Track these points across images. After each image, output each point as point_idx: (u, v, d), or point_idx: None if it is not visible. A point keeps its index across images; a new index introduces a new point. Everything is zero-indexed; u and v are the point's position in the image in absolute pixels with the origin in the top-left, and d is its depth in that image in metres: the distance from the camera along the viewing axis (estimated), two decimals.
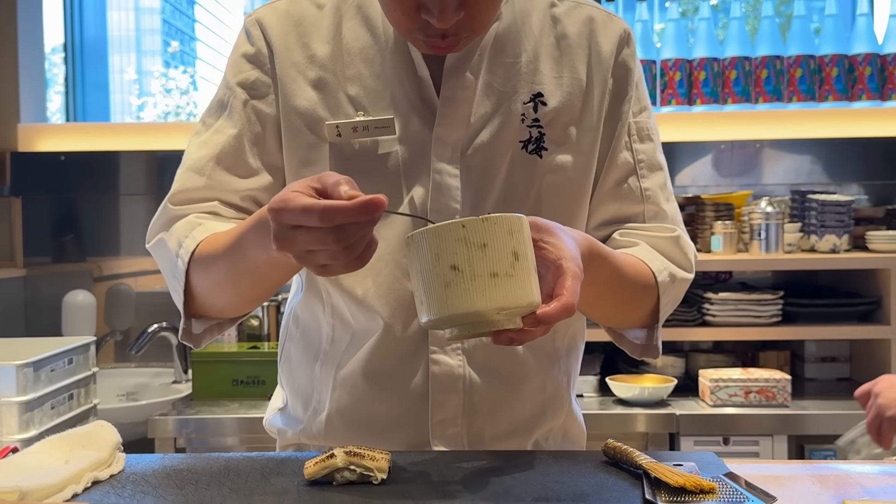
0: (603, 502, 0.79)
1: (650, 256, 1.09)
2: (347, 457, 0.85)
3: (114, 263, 3.03)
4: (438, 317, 0.82)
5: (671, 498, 0.79)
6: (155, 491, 0.84)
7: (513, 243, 0.83)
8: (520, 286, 0.82)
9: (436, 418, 1.09)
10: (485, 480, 0.85)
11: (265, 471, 0.91)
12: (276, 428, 1.23)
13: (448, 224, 0.82)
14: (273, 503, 0.80)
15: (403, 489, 0.84)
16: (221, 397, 2.51)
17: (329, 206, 0.81)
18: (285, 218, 0.83)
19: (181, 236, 1.07)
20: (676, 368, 2.63)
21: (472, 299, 0.81)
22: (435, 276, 0.82)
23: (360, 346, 1.12)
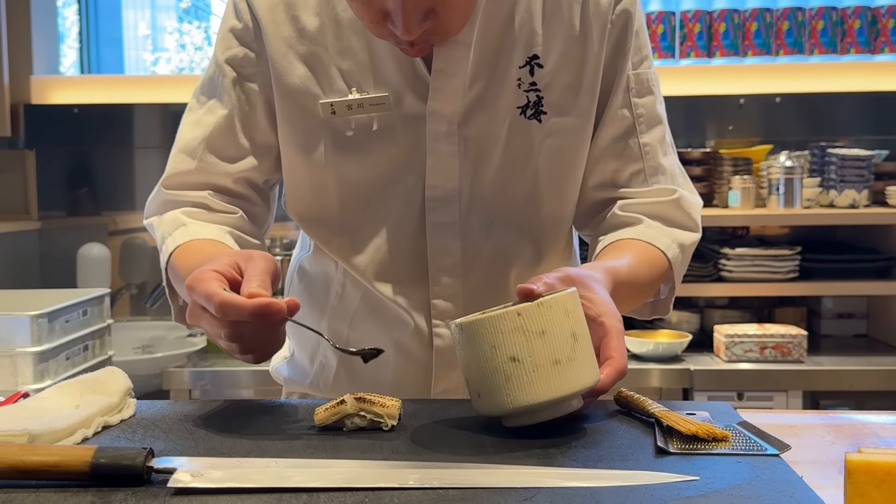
0: (615, 449, 0.79)
1: (655, 234, 1.08)
2: (358, 403, 0.85)
3: (129, 218, 3.04)
4: (501, 411, 0.81)
5: (683, 445, 0.79)
6: (166, 436, 0.84)
7: (570, 324, 0.80)
8: (581, 369, 0.80)
9: (438, 388, 1.10)
10: (495, 428, 0.84)
11: (276, 417, 0.91)
12: (283, 376, 1.24)
13: (502, 313, 0.79)
14: (283, 448, 0.80)
15: (414, 435, 0.84)
16: None
17: (225, 301, 0.80)
18: (195, 297, 0.83)
19: (165, 232, 1.08)
20: (691, 324, 2.62)
21: (536, 391, 0.79)
22: (493, 370, 0.79)
23: (369, 311, 1.12)
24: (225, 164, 1.10)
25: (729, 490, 0.68)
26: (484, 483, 0.69)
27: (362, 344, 1.12)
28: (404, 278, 1.09)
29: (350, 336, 1.13)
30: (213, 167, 1.10)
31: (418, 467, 0.73)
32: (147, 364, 2.47)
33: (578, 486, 0.69)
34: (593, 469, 0.73)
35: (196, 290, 0.83)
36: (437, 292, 1.09)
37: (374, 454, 0.77)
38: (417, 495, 0.67)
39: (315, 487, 0.68)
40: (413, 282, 1.09)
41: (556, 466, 0.74)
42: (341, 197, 1.09)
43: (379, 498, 0.66)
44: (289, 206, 1.14)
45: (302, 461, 0.75)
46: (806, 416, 0.94)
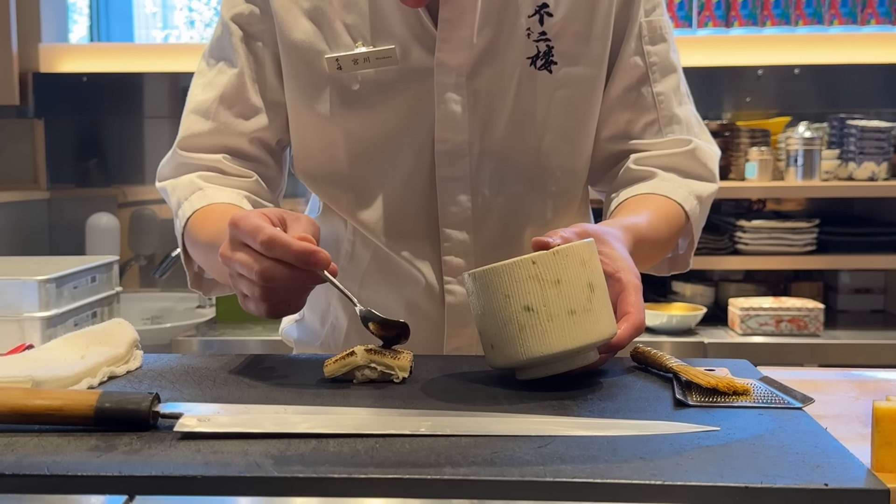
0: (632, 402, 0.77)
1: (671, 187, 1.07)
2: (368, 354, 0.83)
3: (138, 190, 3.03)
4: (515, 362, 0.80)
5: (703, 399, 0.77)
6: (172, 385, 0.83)
7: (587, 274, 0.79)
8: (598, 320, 0.79)
9: (450, 346, 1.09)
10: (509, 381, 0.83)
11: (285, 370, 0.90)
12: (293, 338, 1.23)
13: (517, 261, 0.78)
14: (291, 398, 0.79)
15: (426, 387, 0.82)
16: (245, 320, 2.52)
17: (274, 236, 0.80)
18: (237, 232, 0.82)
19: (181, 196, 1.07)
20: (706, 298, 2.60)
21: (551, 341, 0.78)
22: (507, 320, 0.78)
23: (380, 269, 1.11)
24: (239, 123, 1.10)
25: (751, 440, 0.66)
26: (497, 431, 0.68)
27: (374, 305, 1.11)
28: (415, 234, 1.08)
29: (361, 296, 1.12)
30: (228, 127, 1.10)
31: (430, 415, 0.72)
32: (156, 334, 2.47)
33: (595, 434, 0.67)
34: (610, 419, 0.72)
35: (241, 224, 0.82)
36: (447, 248, 1.08)
37: (385, 403, 0.76)
38: (429, 442, 0.66)
39: (324, 434, 0.67)
40: (424, 238, 1.08)
41: (573, 416, 0.72)
42: (349, 153, 1.08)
43: (390, 444, 0.65)
44: (297, 166, 1.14)
45: (311, 408, 0.74)
46: (829, 373, 0.92)
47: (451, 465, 0.61)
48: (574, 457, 0.62)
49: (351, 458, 0.62)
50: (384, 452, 0.63)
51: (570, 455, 0.62)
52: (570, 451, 0.63)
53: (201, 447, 0.65)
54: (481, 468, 0.60)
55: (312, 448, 0.64)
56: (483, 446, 0.65)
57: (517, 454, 0.63)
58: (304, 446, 0.65)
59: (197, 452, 0.64)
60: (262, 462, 0.61)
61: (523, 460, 0.61)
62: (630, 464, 0.61)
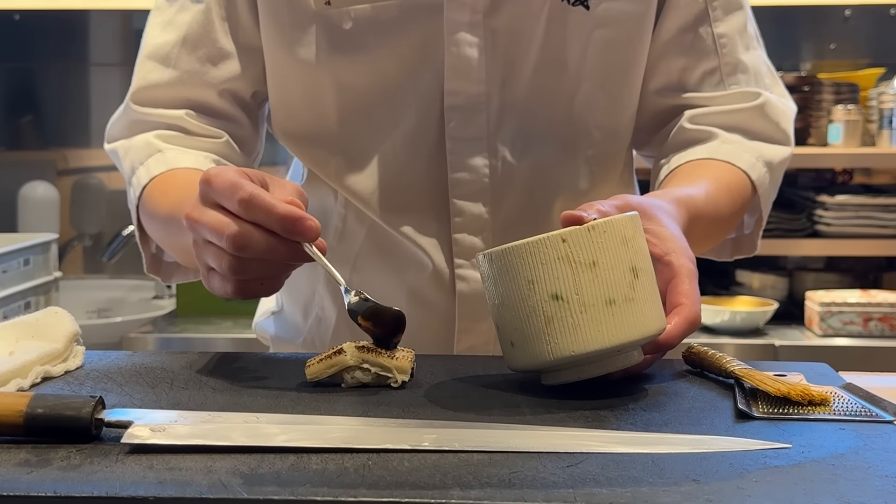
0: (683, 413, 0.77)
1: (735, 151, 1.07)
2: (360, 353, 0.84)
3: (82, 154, 3.04)
4: (540, 363, 0.79)
5: (771, 409, 0.77)
6: (121, 389, 0.84)
7: (629, 256, 0.78)
8: (642, 312, 0.79)
9: (462, 345, 1.10)
10: (532, 387, 0.83)
11: (258, 371, 0.90)
12: (269, 334, 1.25)
13: (543, 239, 0.77)
14: (266, 405, 0.79)
15: (430, 393, 0.82)
16: (211, 314, 2.54)
17: (255, 194, 0.79)
18: (210, 189, 0.82)
19: (136, 160, 1.07)
20: (777, 290, 2.61)
21: (584, 337, 0.77)
22: (530, 311, 0.78)
23: (376, 250, 1.11)
24: (206, 71, 1.10)
25: (829, 460, 0.66)
26: (517, 446, 0.68)
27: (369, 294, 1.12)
28: (419, 207, 1.09)
29: (353, 282, 1.12)
30: (192, 76, 1.10)
31: (435, 427, 0.72)
32: (103, 330, 2.49)
33: (638, 451, 0.67)
34: (656, 433, 0.72)
35: (216, 180, 0.81)
36: (459, 224, 1.08)
37: (381, 412, 0.77)
38: (433, 459, 0.66)
39: (305, 448, 0.67)
40: (430, 212, 1.09)
41: (610, 430, 0.73)
42: (339, 107, 1.08)
43: (385, 461, 0.65)
44: (276, 124, 1.14)
45: (289, 416, 0.74)
46: None
47: (459, 486, 0.61)
48: (611, 478, 0.62)
49: (337, 478, 0.62)
50: (378, 471, 0.63)
51: (607, 476, 0.62)
52: (607, 472, 0.63)
53: (154, 462, 0.65)
54: (497, 491, 0.60)
55: (291, 465, 0.65)
56: (499, 465, 0.65)
57: (541, 474, 0.63)
58: (281, 462, 0.65)
59: (149, 469, 0.64)
60: (228, 481, 0.61)
61: (548, 482, 0.61)
62: (680, 487, 0.61)
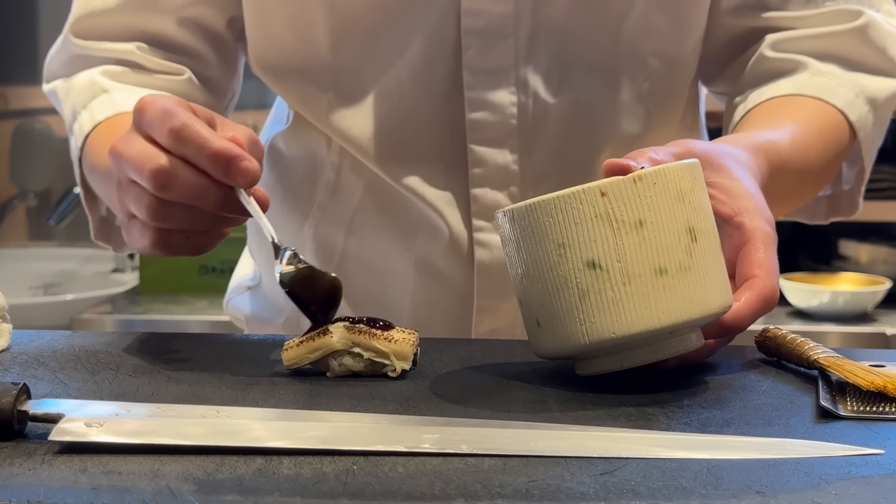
0: (752, 410, 0.77)
1: (829, 85, 1.07)
2: (350, 334, 0.84)
3: (26, 92, 3.06)
4: (572, 348, 0.79)
5: (862, 407, 0.77)
6: (53, 376, 0.84)
7: (686, 214, 0.78)
8: (702, 284, 0.78)
9: (482, 328, 1.11)
10: (565, 379, 0.84)
11: (225, 354, 0.91)
12: (244, 314, 1.26)
13: (577, 192, 0.77)
14: (231, 397, 0.79)
15: (436, 385, 0.83)
16: (182, 291, 2.55)
17: (187, 124, 0.81)
18: (141, 117, 0.85)
19: (77, 103, 1.09)
20: (890, 265, 2.59)
21: (628, 315, 0.77)
22: (560, 282, 0.78)
23: (377, 209, 1.12)
24: None
25: None
26: (539, 450, 0.68)
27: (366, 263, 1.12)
28: (429, 156, 1.09)
29: (348, 249, 1.14)
30: (144, 1, 1.11)
31: (438, 425, 0.72)
32: (50, 310, 2.50)
33: (690, 456, 0.67)
34: (715, 435, 0.72)
35: (149, 108, 0.83)
36: (479, 177, 1.08)
37: (373, 406, 0.77)
38: (435, 464, 0.66)
39: (275, 449, 0.67)
40: (443, 162, 1.09)
41: (658, 430, 0.73)
42: (332, 32, 1.09)
43: (375, 466, 0.65)
44: (254, 55, 1.15)
45: (258, 411, 0.75)
46: None
47: (464, 497, 0.61)
48: (654, 489, 0.62)
49: (314, 486, 0.62)
50: (364, 478, 0.63)
51: (649, 487, 0.62)
52: (650, 482, 0.63)
53: (89, 465, 0.65)
54: (510, 503, 0.60)
55: (257, 469, 0.65)
56: (516, 472, 0.65)
57: (567, 484, 0.63)
58: (245, 466, 0.65)
59: (82, 472, 0.64)
60: (178, 488, 0.62)
61: (575, 493, 0.61)
62: (740, 501, 0.60)
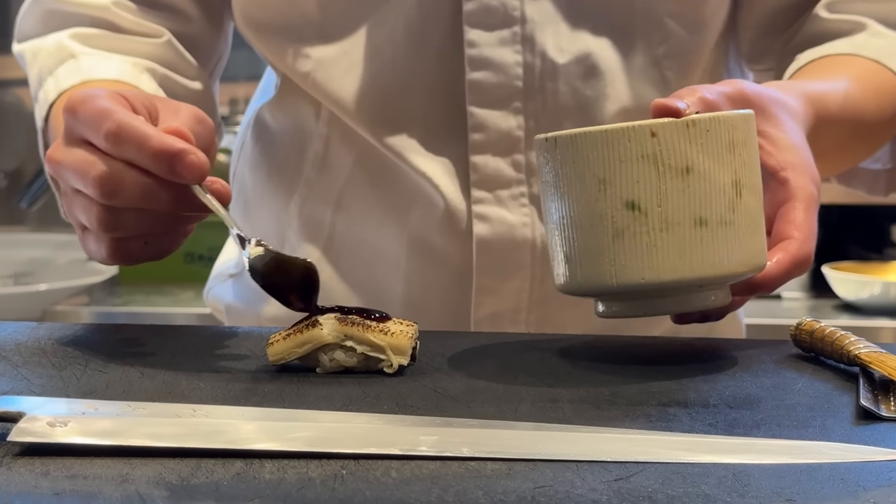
0: (785, 410, 0.77)
1: (888, 48, 1.08)
2: (342, 326, 0.84)
3: None
4: (598, 286, 0.83)
5: None
6: (16, 371, 0.84)
7: (734, 165, 0.81)
8: (740, 240, 0.81)
9: (482, 311, 1.11)
10: (576, 375, 0.84)
11: (204, 348, 0.91)
12: (225, 303, 1.28)
13: (627, 128, 0.79)
14: (210, 395, 0.79)
15: (436, 382, 0.83)
16: (165, 281, 2.56)
17: (125, 123, 0.82)
18: (74, 120, 0.86)
19: (44, 69, 1.10)
20: None
21: (661, 262, 0.80)
22: (596, 218, 0.81)
23: (368, 181, 1.14)
24: None
25: None
26: (548, 453, 0.68)
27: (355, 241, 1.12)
28: (424, 120, 1.10)
29: (336, 227, 1.15)
30: None
31: (437, 426, 0.72)
32: (20, 301, 2.51)
33: (714, 461, 0.67)
34: (743, 438, 0.72)
35: (81, 108, 0.85)
36: (479, 143, 1.09)
37: (366, 406, 0.77)
38: (432, 468, 0.65)
39: (258, 451, 0.67)
40: (439, 126, 1.10)
41: (681, 432, 0.72)
42: None
43: (367, 470, 0.65)
44: (240, 12, 1.16)
45: (239, 410, 0.74)
46: None
47: None
48: (673, 497, 0.62)
49: (297, 492, 0.62)
50: (354, 483, 0.63)
51: (667, 494, 0.62)
52: (668, 488, 0.63)
53: (52, 468, 0.65)
54: None
55: (236, 473, 0.64)
56: (521, 477, 0.64)
57: (577, 490, 0.62)
58: (223, 470, 0.65)
59: (43, 476, 0.64)
60: (148, 494, 0.61)
61: (588, 500, 0.61)
62: None
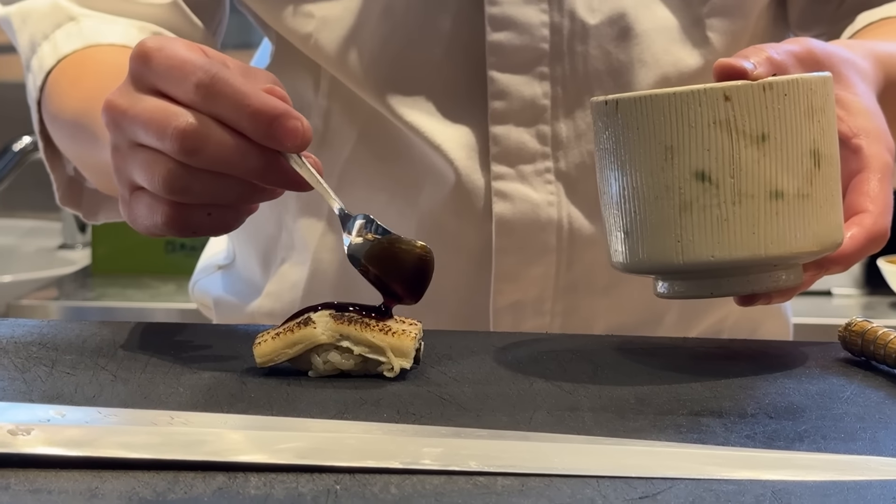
0: (831, 422, 0.77)
1: None
2: (338, 325, 0.84)
3: None
4: (662, 263, 0.83)
5: None
6: None
7: (813, 133, 0.82)
8: (817, 215, 0.82)
9: (501, 302, 1.12)
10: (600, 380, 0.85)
11: (185, 350, 0.91)
12: (213, 297, 1.28)
13: (697, 92, 0.80)
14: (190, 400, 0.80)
15: (442, 389, 0.83)
16: (144, 273, 2.56)
17: (222, 76, 0.80)
18: (146, 69, 0.83)
19: (37, 33, 1.10)
20: None
21: (733, 238, 0.81)
22: (661, 189, 0.82)
23: (373, 157, 1.15)
24: None
25: None
26: (565, 467, 0.68)
27: None
28: (439, 86, 1.12)
29: None
30: None
31: (443, 436, 0.72)
32: None
33: (751, 477, 0.67)
34: (784, 452, 0.72)
35: (157, 56, 0.83)
36: (500, 112, 1.10)
37: (364, 413, 0.77)
38: (437, 483, 0.66)
39: (243, 464, 0.67)
40: (457, 92, 1.11)
41: (714, 445, 0.73)
42: None
43: (363, 485, 0.65)
44: None
45: (222, 418, 0.75)
46: None
47: None
48: None
49: None
50: (350, 500, 0.64)
51: None
52: None
53: (13, 481, 0.65)
54: None
55: (218, 488, 0.65)
56: (535, 494, 0.65)
57: None
58: (203, 485, 0.65)
59: (3, 491, 0.64)
60: None
61: None
62: None
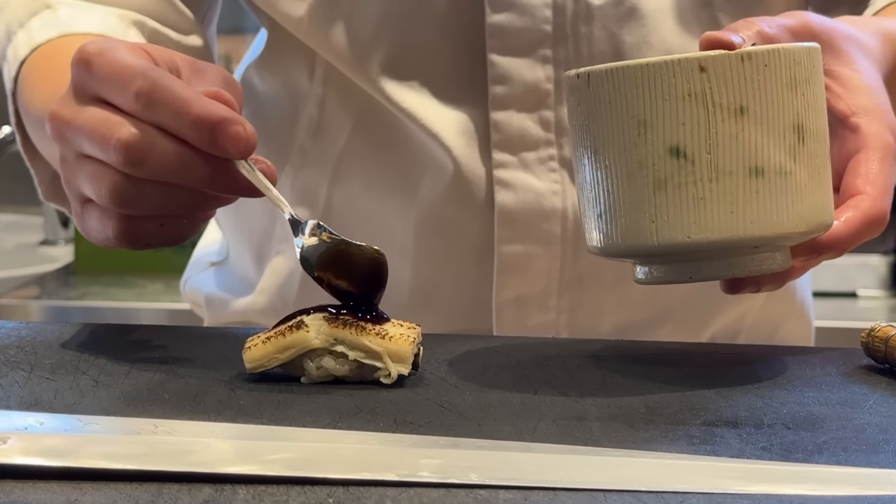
0: (852, 433, 0.78)
1: None
2: (332, 328, 0.84)
3: None
4: (637, 246, 0.83)
5: None
6: None
7: (796, 106, 0.82)
8: (801, 193, 0.82)
9: (504, 296, 1.12)
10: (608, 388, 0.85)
11: (171, 354, 0.91)
12: (205, 294, 1.27)
13: (670, 62, 0.80)
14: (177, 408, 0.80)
15: (442, 397, 0.84)
16: (129, 271, 2.56)
17: (161, 81, 0.81)
18: (87, 75, 0.84)
19: (13, 20, 1.11)
20: None
21: (710, 218, 0.81)
22: (635, 167, 0.82)
23: (370, 147, 1.15)
24: None
25: None
26: (571, 480, 0.68)
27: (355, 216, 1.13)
28: (437, 71, 1.12)
29: (333, 202, 1.16)
30: None
31: (442, 447, 0.73)
32: None
33: (768, 492, 0.68)
34: (803, 465, 0.72)
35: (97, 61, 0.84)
36: (501, 97, 1.10)
37: (360, 423, 0.78)
38: (435, 498, 0.66)
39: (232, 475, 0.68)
40: (456, 78, 1.12)
41: (728, 457, 0.73)
42: None
43: (358, 499, 0.66)
44: None
45: (209, 427, 0.75)
46: None
47: None
48: None
49: None
50: None
51: None
52: None
53: None
54: None
55: (204, 501, 0.65)
56: None
57: None
58: (188, 497, 0.66)
59: None
60: None
61: None
62: None
